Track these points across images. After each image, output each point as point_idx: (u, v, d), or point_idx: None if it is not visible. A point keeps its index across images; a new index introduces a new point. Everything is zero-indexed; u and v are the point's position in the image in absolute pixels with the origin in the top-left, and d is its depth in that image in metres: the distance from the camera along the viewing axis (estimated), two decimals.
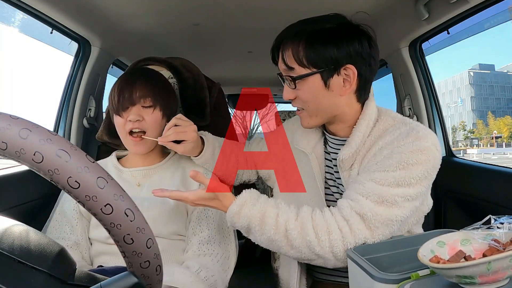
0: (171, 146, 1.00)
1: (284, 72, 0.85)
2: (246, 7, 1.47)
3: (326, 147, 0.95)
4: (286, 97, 0.86)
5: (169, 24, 1.63)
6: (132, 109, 1.01)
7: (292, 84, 0.84)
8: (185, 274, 0.89)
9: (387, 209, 0.75)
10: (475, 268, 0.49)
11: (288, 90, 0.86)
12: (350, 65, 0.81)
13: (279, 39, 0.87)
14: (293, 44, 0.82)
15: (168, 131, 0.98)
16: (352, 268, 0.69)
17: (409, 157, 0.76)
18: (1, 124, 0.33)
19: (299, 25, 0.85)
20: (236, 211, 0.79)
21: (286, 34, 0.85)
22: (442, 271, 0.53)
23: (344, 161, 0.86)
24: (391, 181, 0.75)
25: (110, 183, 0.37)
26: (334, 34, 0.81)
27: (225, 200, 0.81)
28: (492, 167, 1.32)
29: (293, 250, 0.78)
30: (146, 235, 0.39)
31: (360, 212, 0.75)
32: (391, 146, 0.80)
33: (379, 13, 1.46)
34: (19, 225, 0.44)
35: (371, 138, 0.85)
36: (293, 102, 0.88)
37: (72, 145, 0.36)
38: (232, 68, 2.61)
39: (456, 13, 1.27)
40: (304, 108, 0.86)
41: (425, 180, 0.78)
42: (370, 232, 0.75)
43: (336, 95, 0.83)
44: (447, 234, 0.62)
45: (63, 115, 1.50)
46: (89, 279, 0.43)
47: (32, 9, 1.22)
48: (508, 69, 46.99)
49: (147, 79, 1.06)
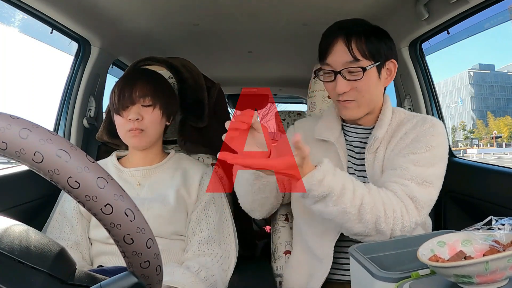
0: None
1: (345, 64, 0.88)
2: (246, 8, 1.47)
3: (345, 137, 1.01)
4: (342, 89, 0.89)
5: (169, 24, 1.63)
6: (132, 108, 1.02)
7: (355, 75, 0.88)
8: (185, 274, 0.89)
9: (427, 190, 0.85)
10: (472, 268, 0.49)
11: (345, 83, 0.89)
12: (393, 59, 0.93)
13: (335, 34, 0.90)
14: (355, 38, 0.88)
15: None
16: (354, 266, 0.69)
17: (431, 140, 0.88)
18: (1, 124, 0.33)
19: (348, 22, 0.92)
20: (319, 179, 0.76)
21: (344, 29, 0.89)
22: (440, 269, 0.53)
23: (376, 141, 0.93)
24: (425, 162, 0.86)
25: (110, 183, 0.36)
26: (380, 32, 0.92)
27: (307, 167, 0.77)
28: (492, 167, 1.32)
29: (360, 224, 0.80)
30: (146, 235, 0.39)
31: (410, 195, 0.83)
32: (414, 131, 0.91)
33: (379, 13, 1.46)
34: (19, 225, 0.44)
35: (391, 126, 0.96)
36: (345, 95, 0.90)
37: (72, 145, 0.36)
38: (232, 68, 2.61)
39: (456, 13, 1.27)
40: (356, 99, 0.91)
41: (444, 160, 0.90)
42: (418, 213, 0.83)
43: (382, 87, 0.94)
44: (448, 234, 0.63)
45: (63, 115, 1.50)
46: (89, 279, 0.43)
47: (32, 9, 1.22)
48: (508, 69, 47.01)
49: (147, 79, 1.06)
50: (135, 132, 1.02)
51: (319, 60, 0.95)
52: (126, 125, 1.02)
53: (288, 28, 1.72)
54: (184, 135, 1.24)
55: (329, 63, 0.90)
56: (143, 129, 1.02)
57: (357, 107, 0.92)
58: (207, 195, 1.07)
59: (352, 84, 0.89)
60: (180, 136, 1.24)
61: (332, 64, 0.90)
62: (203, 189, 1.08)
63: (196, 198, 1.07)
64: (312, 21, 1.61)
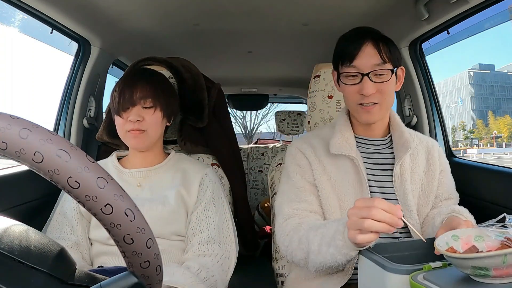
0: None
1: (373, 67, 0.90)
2: (246, 8, 1.47)
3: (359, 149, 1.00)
4: (370, 91, 0.90)
5: (169, 24, 1.63)
6: (133, 109, 1.02)
7: (381, 77, 0.91)
8: (185, 274, 0.89)
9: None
10: (490, 260, 0.50)
11: (372, 84, 0.90)
12: (402, 66, 0.98)
13: (364, 37, 0.91)
14: (382, 42, 0.91)
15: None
16: (363, 263, 0.69)
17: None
18: (1, 124, 0.33)
19: (368, 29, 0.95)
20: None
21: (370, 33, 0.92)
22: (458, 261, 0.53)
23: (409, 150, 0.96)
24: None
25: (110, 183, 0.36)
26: (391, 40, 0.95)
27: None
28: (492, 167, 1.32)
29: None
30: (146, 235, 0.39)
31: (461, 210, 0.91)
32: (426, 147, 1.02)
33: (379, 13, 1.46)
34: (19, 225, 0.44)
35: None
36: (370, 97, 0.91)
37: (72, 145, 0.35)
38: (232, 68, 2.61)
39: (456, 13, 1.27)
40: (379, 102, 0.92)
41: None
42: None
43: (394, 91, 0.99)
44: (461, 229, 0.64)
45: (63, 115, 1.50)
46: (89, 279, 0.43)
47: (32, 9, 1.22)
48: (508, 69, 47.01)
49: (148, 80, 1.06)
50: (135, 133, 1.02)
51: (341, 63, 0.93)
52: (126, 126, 1.02)
53: (288, 28, 1.72)
54: (184, 135, 1.24)
55: (356, 66, 0.90)
56: (144, 130, 1.02)
57: (379, 110, 0.93)
58: (207, 196, 1.07)
59: (378, 86, 0.90)
60: (180, 136, 1.24)
61: (360, 67, 0.90)
62: (203, 190, 1.07)
63: (196, 198, 1.07)
64: (312, 21, 1.61)
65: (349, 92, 0.93)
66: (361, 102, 0.92)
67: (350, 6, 1.44)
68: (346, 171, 0.95)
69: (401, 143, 0.96)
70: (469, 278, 0.55)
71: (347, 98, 0.96)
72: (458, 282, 0.55)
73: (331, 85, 1.22)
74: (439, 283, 0.54)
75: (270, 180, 1.28)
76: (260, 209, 2.43)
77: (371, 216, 0.65)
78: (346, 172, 0.95)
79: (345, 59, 0.92)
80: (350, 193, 0.94)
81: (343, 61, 0.92)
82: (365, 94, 0.89)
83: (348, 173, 0.95)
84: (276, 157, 1.33)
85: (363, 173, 0.93)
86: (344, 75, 0.93)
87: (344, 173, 0.95)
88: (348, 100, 0.96)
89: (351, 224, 0.69)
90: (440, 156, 1.02)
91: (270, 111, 16.97)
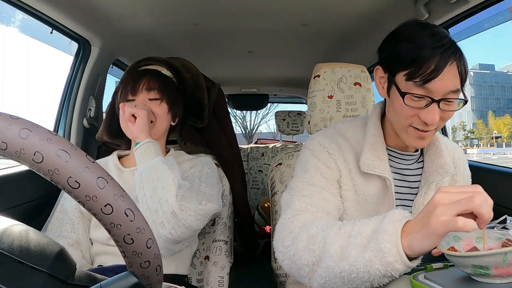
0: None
1: (447, 94, 0.73)
2: (246, 7, 1.48)
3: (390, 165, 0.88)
4: (435, 121, 0.74)
5: (169, 24, 1.63)
6: (138, 99, 1.04)
7: (450, 106, 0.75)
8: None
9: None
10: (491, 258, 0.50)
11: (438, 112, 0.74)
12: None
13: (450, 53, 0.71)
14: (463, 62, 0.73)
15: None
16: None
17: None
18: (1, 124, 0.33)
19: (450, 37, 0.75)
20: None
21: (455, 47, 0.73)
22: (458, 259, 0.54)
23: (450, 170, 0.86)
24: None
25: (110, 183, 0.36)
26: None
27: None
28: (492, 167, 1.32)
29: None
30: (146, 235, 0.39)
31: None
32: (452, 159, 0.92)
33: (379, 13, 1.46)
34: (19, 225, 0.44)
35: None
36: (432, 125, 0.75)
37: (72, 145, 0.36)
38: (232, 68, 2.61)
39: (456, 13, 1.27)
40: (436, 128, 0.78)
41: None
42: None
43: None
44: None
45: (63, 115, 1.51)
46: (89, 279, 0.43)
47: (32, 9, 1.22)
48: (508, 69, 47.03)
49: (152, 75, 1.09)
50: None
51: (408, 77, 0.72)
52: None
53: (288, 28, 1.72)
54: (184, 135, 1.24)
55: (429, 88, 0.71)
56: (151, 121, 1.02)
57: (431, 136, 0.80)
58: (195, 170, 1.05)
59: (442, 114, 0.75)
60: (180, 136, 1.24)
61: (435, 91, 0.71)
62: (194, 167, 1.06)
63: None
64: (312, 21, 1.62)
65: (406, 112, 0.75)
66: (417, 127, 0.76)
67: (350, 6, 1.44)
68: (374, 187, 0.84)
69: (438, 165, 0.85)
70: (470, 278, 0.55)
71: (400, 115, 0.77)
72: (459, 282, 0.55)
73: (331, 85, 1.22)
74: (440, 283, 0.54)
75: (270, 180, 1.28)
76: (260, 209, 2.44)
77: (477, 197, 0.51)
78: (374, 188, 0.84)
79: (416, 77, 0.71)
80: (372, 210, 0.85)
81: (413, 77, 0.72)
82: (430, 123, 0.73)
83: (376, 190, 0.84)
84: (276, 157, 1.32)
85: (392, 192, 0.83)
86: (409, 96, 0.73)
87: (372, 189, 0.84)
88: (399, 118, 0.78)
89: (445, 208, 0.52)
90: (465, 170, 0.94)
91: (270, 111, 17.00)
